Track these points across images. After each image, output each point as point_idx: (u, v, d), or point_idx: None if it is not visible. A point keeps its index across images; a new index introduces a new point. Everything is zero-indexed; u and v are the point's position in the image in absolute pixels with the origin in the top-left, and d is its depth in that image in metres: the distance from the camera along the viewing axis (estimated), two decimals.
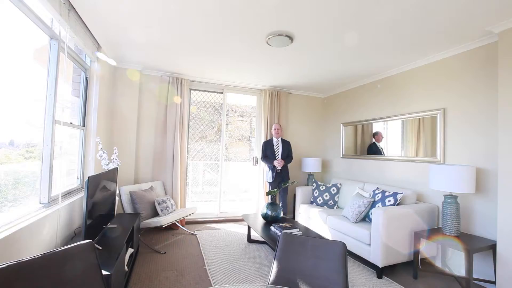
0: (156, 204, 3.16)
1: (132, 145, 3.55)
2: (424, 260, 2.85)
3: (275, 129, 3.93)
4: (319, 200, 3.78)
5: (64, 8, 1.98)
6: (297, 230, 2.67)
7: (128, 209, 3.05)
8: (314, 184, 3.95)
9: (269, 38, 2.51)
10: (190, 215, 3.70)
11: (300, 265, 1.12)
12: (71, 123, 2.41)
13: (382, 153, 3.58)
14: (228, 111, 8.39)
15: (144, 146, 3.75)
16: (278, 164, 3.76)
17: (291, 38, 2.53)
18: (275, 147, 3.89)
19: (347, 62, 3.20)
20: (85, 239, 1.67)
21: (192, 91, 4.22)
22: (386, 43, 2.60)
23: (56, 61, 2.00)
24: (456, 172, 2.35)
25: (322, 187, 3.84)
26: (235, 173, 7.15)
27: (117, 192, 2.70)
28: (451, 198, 2.44)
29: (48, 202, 1.95)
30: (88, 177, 1.71)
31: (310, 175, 4.37)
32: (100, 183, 2.04)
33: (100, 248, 1.86)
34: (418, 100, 3.09)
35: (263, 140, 4.32)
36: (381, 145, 3.62)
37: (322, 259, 1.10)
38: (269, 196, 3.15)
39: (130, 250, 2.35)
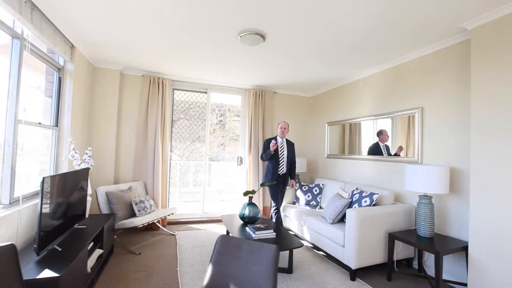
0: (133, 204, 3.14)
1: (112, 145, 3.54)
2: (401, 262, 2.81)
3: (281, 128, 3.46)
4: (302, 200, 3.74)
5: (26, 7, 1.96)
6: (271, 231, 2.64)
7: (105, 210, 3.03)
8: (297, 184, 3.91)
9: (240, 36, 2.48)
10: (169, 215, 3.69)
11: (234, 268, 1.09)
12: (39, 123, 2.39)
13: (385, 153, 3.19)
14: (225, 111, 8.40)
15: (125, 146, 3.74)
16: (273, 144, 3.23)
17: (263, 37, 2.50)
18: (279, 147, 3.41)
19: (322, 62, 3.17)
20: (39, 241, 1.66)
21: (175, 91, 4.20)
22: (359, 43, 2.56)
23: (18, 60, 1.98)
24: (430, 172, 2.31)
25: (305, 187, 3.80)
26: (224, 173, 7.15)
27: (90, 192, 2.68)
28: (426, 198, 2.40)
29: (10, 203, 1.93)
30: (43, 177, 1.69)
31: (296, 175, 4.32)
32: (64, 183, 2.02)
33: (60, 249, 1.84)
34: (398, 99, 3.04)
35: (247, 139, 4.29)
36: (387, 144, 3.20)
37: (255, 263, 1.06)
38: (248, 196, 3.12)
39: (99, 251, 2.33)
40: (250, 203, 3.09)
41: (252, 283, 1.03)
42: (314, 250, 3.15)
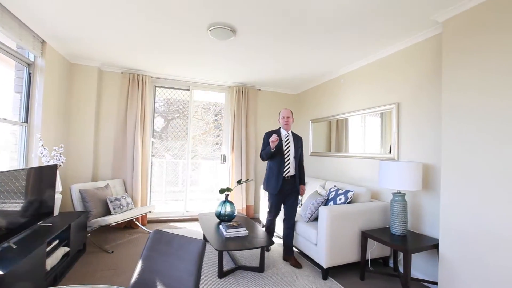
0: (108, 202, 3.10)
1: (90, 142, 3.49)
2: (377, 261, 2.75)
3: (283, 118, 2.72)
4: None
5: None
6: (244, 229, 2.59)
7: (79, 207, 2.99)
8: None
9: (210, 30, 2.43)
10: (148, 213, 3.65)
11: (162, 265, 1.04)
12: (4, 119, 2.35)
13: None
14: (220, 110, 8.36)
15: (104, 144, 3.70)
16: (274, 138, 2.46)
17: (233, 31, 2.45)
18: (284, 143, 2.68)
19: (298, 58, 3.12)
20: None
21: (157, 88, 4.16)
22: (334, 39, 2.50)
23: None
24: (402, 169, 2.25)
25: None
26: (217, 173, 7.09)
27: (59, 189, 2.64)
28: (399, 196, 2.34)
29: None
30: None
31: None
32: (23, 180, 1.98)
33: (15, 247, 1.80)
34: (379, 94, 2.98)
35: (230, 137, 4.24)
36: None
37: (181, 258, 1.02)
38: (223, 194, 3.07)
39: (64, 249, 2.29)
40: (226, 201, 3.04)
41: (177, 280, 0.98)
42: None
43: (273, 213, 2.77)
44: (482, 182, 1.79)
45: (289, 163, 2.69)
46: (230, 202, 3.04)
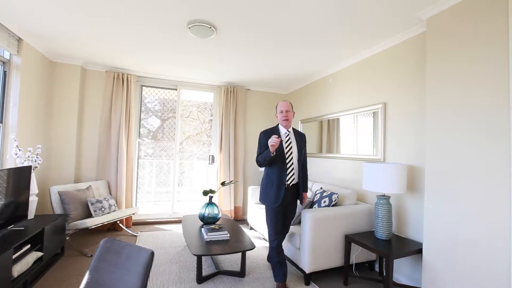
0: (89, 204, 3.02)
1: (72, 143, 3.41)
2: (363, 265, 2.68)
3: (282, 112, 2.19)
4: None
5: None
6: (225, 233, 2.52)
7: (58, 210, 2.90)
8: None
9: (189, 27, 2.35)
10: (132, 215, 3.58)
11: (108, 277, 0.97)
12: None
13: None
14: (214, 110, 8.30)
15: (87, 144, 3.61)
16: (275, 139, 1.95)
17: (214, 28, 2.37)
18: (285, 144, 2.16)
19: (284, 57, 3.04)
20: None
21: (144, 87, 4.08)
22: (317, 38, 2.43)
23: None
24: (386, 171, 2.19)
25: None
26: (201, 172, 7.02)
27: (35, 191, 2.55)
28: (383, 199, 2.27)
29: None
30: None
31: None
32: None
33: None
34: (368, 94, 2.91)
35: (218, 138, 4.16)
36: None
37: (128, 270, 0.94)
38: (207, 196, 2.99)
39: (37, 254, 2.21)
40: (210, 203, 2.97)
41: None
42: None
43: (279, 232, 2.17)
44: (465, 186, 1.72)
45: (292, 169, 2.13)
46: (214, 204, 2.97)
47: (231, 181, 3.07)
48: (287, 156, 2.16)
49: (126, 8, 2.12)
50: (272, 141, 1.96)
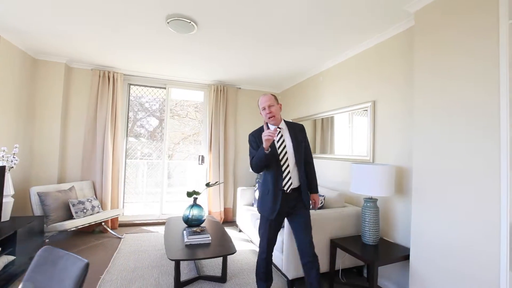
0: (70, 205, 2.94)
1: (56, 143, 3.33)
2: (351, 270, 2.57)
3: (263, 109, 1.88)
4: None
5: None
6: (207, 236, 2.41)
7: (38, 211, 2.82)
8: (256, 184, 3.68)
9: (168, 22, 2.26)
10: (118, 216, 3.49)
11: None
12: None
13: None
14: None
15: (72, 144, 3.53)
16: (270, 133, 1.64)
17: (194, 24, 2.28)
18: (276, 142, 1.86)
19: (271, 55, 2.95)
20: None
21: (132, 86, 3.99)
22: (304, 33, 2.33)
23: None
24: (374, 172, 2.08)
25: None
26: (195, 173, 6.94)
27: (11, 192, 2.47)
28: (371, 201, 2.17)
29: None
30: None
31: (259, 175, 4.10)
32: None
33: None
34: (354, 92, 2.80)
35: (208, 137, 4.06)
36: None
37: (61, 284, 0.84)
38: (192, 197, 2.89)
39: (8, 258, 2.13)
40: (195, 205, 2.87)
41: None
42: None
43: (271, 245, 1.89)
44: (454, 188, 1.61)
45: (288, 172, 1.82)
46: (199, 206, 2.87)
47: (216, 182, 2.97)
48: (280, 157, 1.83)
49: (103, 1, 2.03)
50: (266, 135, 1.65)
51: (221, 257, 2.50)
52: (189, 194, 2.84)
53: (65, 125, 3.49)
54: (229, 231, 3.71)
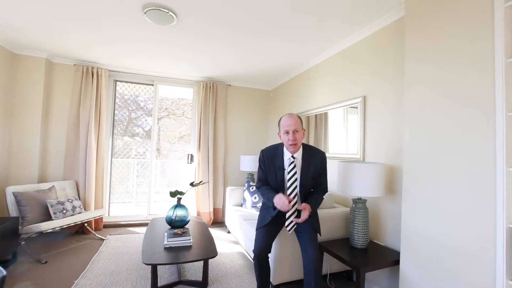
0: (49, 206, 2.81)
1: (36, 141, 3.20)
2: (342, 274, 2.45)
3: (286, 133, 1.77)
4: (248, 202, 3.39)
5: None
6: (188, 238, 2.28)
7: (14, 212, 2.70)
8: (246, 184, 3.56)
9: (145, 12, 2.13)
10: (102, 217, 3.37)
11: None
12: None
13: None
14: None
15: (54, 142, 3.40)
16: (286, 206, 1.69)
17: (173, 14, 2.15)
18: (287, 172, 1.82)
19: (258, 49, 2.82)
20: None
21: (118, 82, 3.86)
22: (291, 25, 2.20)
23: None
24: (362, 172, 1.95)
25: (252, 188, 3.44)
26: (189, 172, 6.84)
27: None
28: (360, 202, 2.04)
29: None
30: None
31: (249, 174, 3.97)
32: None
33: None
34: (344, 87, 2.68)
35: (197, 136, 3.93)
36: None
37: None
38: (176, 198, 2.77)
39: None
40: (178, 205, 2.74)
41: None
42: (249, 258, 2.79)
43: (266, 241, 1.84)
44: (447, 188, 1.48)
45: (295, 200, 1.79)
46: (183, 206, 2.74)
47: (201, 181, 2.84)
48: (288, 185, 1.79)
49: None
50: (281, 206, 1.69)
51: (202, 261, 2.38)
52: (172, 194, 2.72)
53: (46, 123, 3.37)
54: (218, 232, 3.59)
